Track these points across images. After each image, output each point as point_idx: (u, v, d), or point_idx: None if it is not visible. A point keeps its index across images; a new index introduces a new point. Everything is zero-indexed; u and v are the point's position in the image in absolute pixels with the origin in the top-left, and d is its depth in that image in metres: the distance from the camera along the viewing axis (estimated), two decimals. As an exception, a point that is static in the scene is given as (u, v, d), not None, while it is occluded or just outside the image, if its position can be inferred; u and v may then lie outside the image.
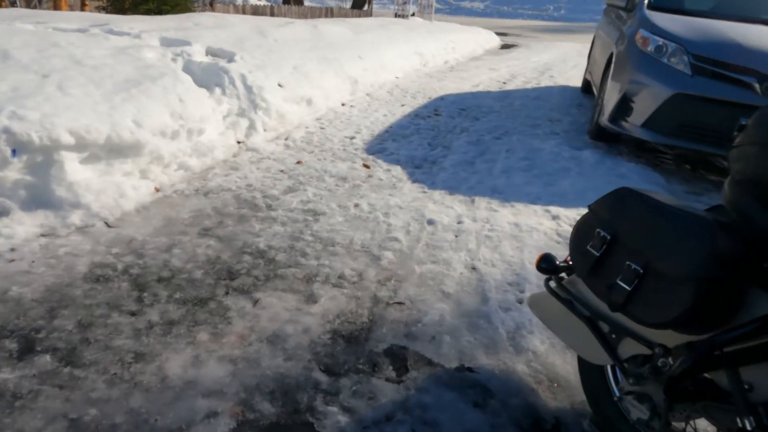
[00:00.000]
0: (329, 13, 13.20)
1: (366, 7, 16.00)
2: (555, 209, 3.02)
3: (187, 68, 3.96)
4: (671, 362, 1.22)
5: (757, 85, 3.34)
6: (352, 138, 4.24)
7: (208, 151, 3.40)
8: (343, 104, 5.28)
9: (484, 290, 2.22)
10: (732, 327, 1.09)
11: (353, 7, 16.52)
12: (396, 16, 14.14)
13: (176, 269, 2.23)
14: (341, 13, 13.43)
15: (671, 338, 1.23)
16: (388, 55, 6.89)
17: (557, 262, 1.55)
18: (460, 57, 9.83)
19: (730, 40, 3.53)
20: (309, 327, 1.93)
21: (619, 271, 1.20)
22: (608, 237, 1.24)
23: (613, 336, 1.40)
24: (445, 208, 3.01)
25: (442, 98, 5.95)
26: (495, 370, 1.76)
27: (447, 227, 2.77)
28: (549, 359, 1.83)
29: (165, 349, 1.76)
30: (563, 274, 1.57)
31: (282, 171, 3.42)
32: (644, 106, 3.68)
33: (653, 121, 3.65)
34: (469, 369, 1.76)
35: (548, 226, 2.81)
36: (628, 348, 1.37)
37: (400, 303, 2.11)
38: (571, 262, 1.55)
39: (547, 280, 1.60)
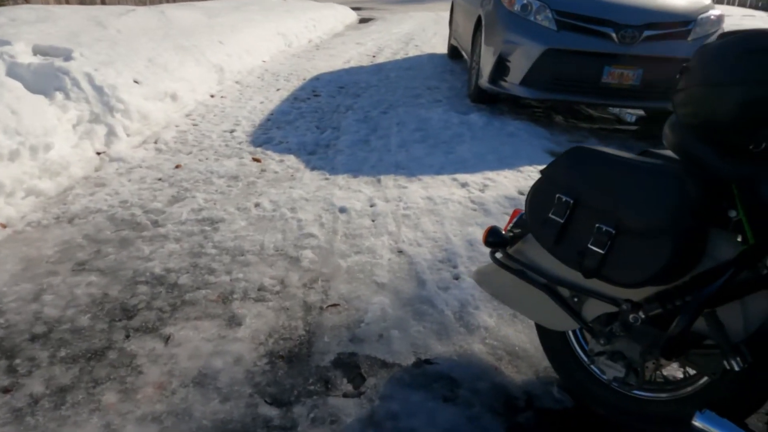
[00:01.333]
0: (171, -3, 11.98)
1: (211, -10, 14.86)
2: (461, 176, 3.00)
3: (13, 72, 3.26)
4: (642, 316, 1.20)
5: (614, 35, 3.60)
6: (232, 131, 3.85)
7: (62, 169, 2.85)
8: (212, 95, 4.80)
9: (417, 273, 2.11)
10: (706, 274, 1.08)
11: (196, -10, 15.23)
12: (246, -4, 13.32)
13: (53, 320, 1.80)
14: (185, -2, 12.30)
15: (637, 292, 1.21)
16: (250, 38, 6.42)
17: (503, 234, 1.47)
18: (322, 34, 9.55)
19: (586, -6, 3.76)
20: (240, 355, 1.66)
21: (589, 235, 1.14)
22: (571, 201, 1.17)
23: (575, 299, 1.36)
24: (353, 192, 2.84)
25: (317, 78, 5.70)
26: (453, 357, 1.66)
27: (361, 213, 2.61)
28: (502, 332, 1.77)
29: (62, 426, 1.39)
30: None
31: (160, 179, 2.98)
32: (520, 64, 3.80)
33: (530, 78, 3.79)
34: (428, 361, 1.64)
35: (460, 195, 2.78)
36: (593, 309, 1.34)
37: (334, 305, 1.92)
38: (514, 232, 1.49)
39: (492, 253, 1.52)
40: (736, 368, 1.05)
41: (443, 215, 2.56)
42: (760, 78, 0.99)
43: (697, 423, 1.09)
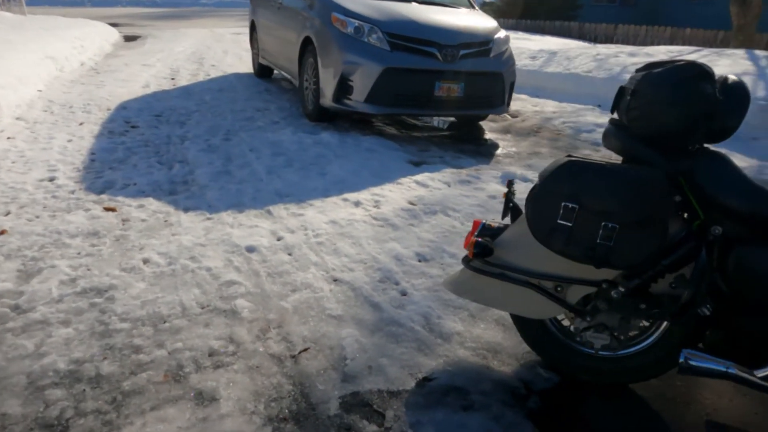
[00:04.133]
0: None
1: None
2: (350, 196, 3.07)
3: None
4: (622, 290, 1.49)
5: (438, 54, 4.08)
6: (52, 179, 3.19)
7: None
8: (-6, 138, 3.85)
9: (366, 297, 2.12)
10: (676, 246, 1.41)
11: None
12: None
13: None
14: None
15: (607, 273, 1.49)
16: (17, 64, 5.30)
17: (487, 244, 1.62)
18: (93, 56, 8.39)
19: (410, 18, 4.17)
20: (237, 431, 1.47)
21: (597, 233, 1.36)
22: (577, 207, 1.38)
23: (559, 289, 1.59)
24: (250, 228, 2.66)
25: (123, 107, 5.03)
26: (447, 367, 1.75)
27: (272, 248, 2.47)
28: (473, 333, 1.92)
29: None
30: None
31: (-15, 252, 2.33)
32: (362, 83, 4.02)
33: (373, 96, 4.04)
34: (427, 379, 1.70)
35: (361, 214, 2.84)
36: (575, 294, 1.59)
37: (305, 350, 1.81)
38: (487, 241, 1.65)
39: (468, 262, 1.67)
40: (708, 313, 1.40)
41: (357, 237, 2.60)
42: (694, 99, 1.34)
43: (684, 361, 1.41)
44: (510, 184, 1.74)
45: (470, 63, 4.20)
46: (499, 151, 4.27)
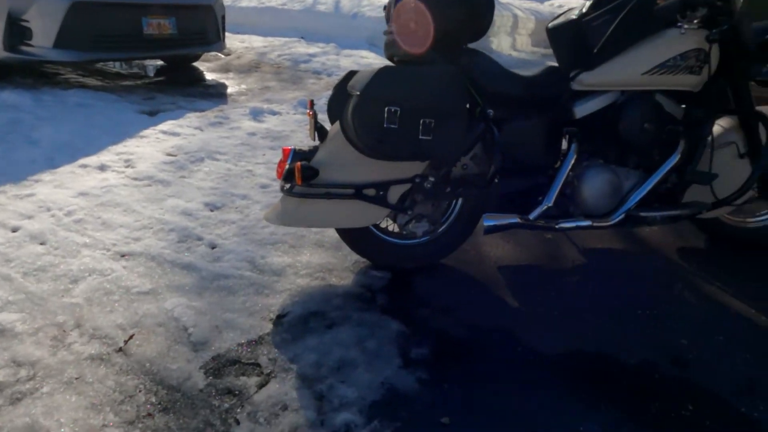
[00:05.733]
0: None
1: None
2: (88, 161, 2.51)
3: None
4: (432, 179, 1.73)
5: (139, -16, 3.52)
6: None
7: None
8: None
9: (173, 262, 1.86)
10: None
11: None
12: None
13: None
14: None
15: (417, 168, 1.71)
16: None
17: (313, 166, 1.63)
18: None
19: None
20: (101, 453, 1.18)
21: (418, 130, 1.51)
22: (399, 109, 1.48)
23: (381, 193, 1.73)
24: (-41, 227, 1.95)
25: None
26: (295, 299, 1.73)
27: (13, 243, 1.88)
28: (303, 260, 1.92)
29: None
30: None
31: None
32: (44, 23, 3.19)
33: (65, 39, 3.27)
34: (281, 316, 1.65)
35: (114, 178, 2.37)
36: (394, 195, 1.75)
37: (131, 337, 1.52)
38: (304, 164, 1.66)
39: (290, 189, 1.67)
40: (497, 181, 1.74)
41: (124, 203, 2.19)
42: (464, 1, 1.56)
43: (486, 223, 1.75)
44: (312, 104, 1.74)
45: (177, -6, 3.77)
46: (230, 90, 4.08)
